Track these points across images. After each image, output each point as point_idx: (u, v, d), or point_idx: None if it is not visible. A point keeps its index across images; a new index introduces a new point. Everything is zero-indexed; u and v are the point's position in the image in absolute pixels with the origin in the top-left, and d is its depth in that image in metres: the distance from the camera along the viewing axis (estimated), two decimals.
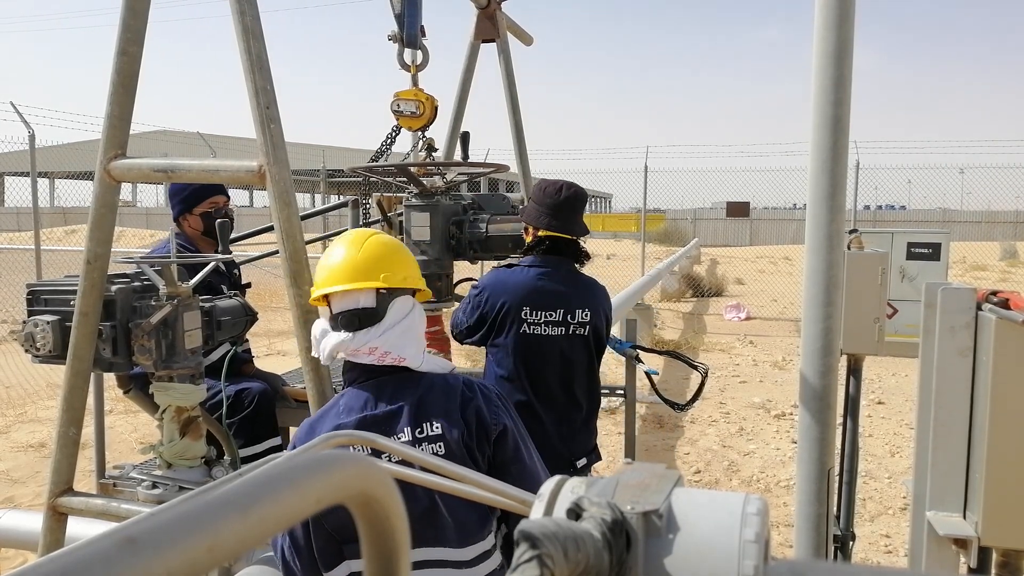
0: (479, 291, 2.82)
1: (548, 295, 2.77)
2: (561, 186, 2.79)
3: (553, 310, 2.77)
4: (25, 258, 11.64)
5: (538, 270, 2.79)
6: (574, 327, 2.80)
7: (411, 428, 1.71)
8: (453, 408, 1.72)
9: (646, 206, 15.36)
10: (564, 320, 2.78)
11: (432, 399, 1.73)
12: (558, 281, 2.80)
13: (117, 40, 2.23)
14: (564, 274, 2.83)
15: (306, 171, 20.91)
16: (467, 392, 1.75)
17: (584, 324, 2.81)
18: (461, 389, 1.76)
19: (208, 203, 3.37)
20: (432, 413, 1.72)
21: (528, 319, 2.75)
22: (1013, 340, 1.66)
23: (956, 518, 1.76)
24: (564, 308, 2.79)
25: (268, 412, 3.16)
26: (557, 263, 2.82)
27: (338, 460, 0.51)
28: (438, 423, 1.71)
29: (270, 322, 9.76)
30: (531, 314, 2.75)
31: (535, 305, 2.76)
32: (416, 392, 1.74)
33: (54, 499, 2.40)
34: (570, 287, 2.83)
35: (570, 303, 2.80)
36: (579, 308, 2.80)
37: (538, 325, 2.76)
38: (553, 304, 2.78)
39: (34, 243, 9.87)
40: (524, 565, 0.54)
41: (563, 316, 2.78)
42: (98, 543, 0.37)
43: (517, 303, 2.75)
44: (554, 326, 2.77)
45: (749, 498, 0.65)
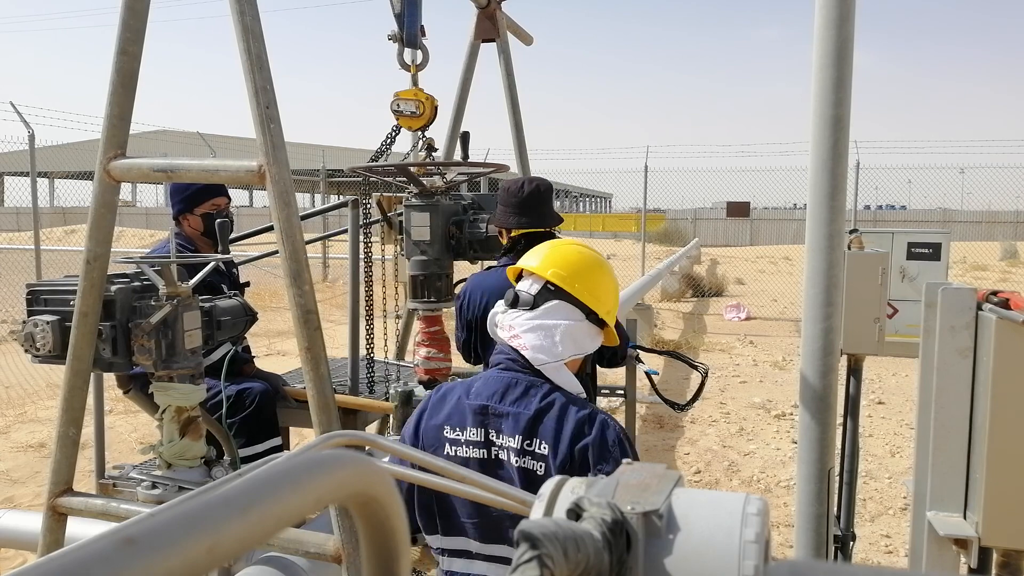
0: (460, 298, 2.86)
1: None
2: (523, 182, 2.82)
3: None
4: (25, 258, 11.64)
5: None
6: None
7: (521, 437, 1.73)
8: (564, 437, 1.70)
9: (646, 206, 15.36)
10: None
11: (550, 418, 1.73)
12: None
13: (117, 40, 2.22)
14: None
15: (306, 171, 20.90)
16: (585, 428, 1.72)
17: None
18: (581, 422, 1.72)
19: (210, 204, 3.37)
20: (544, 433, 1.72)
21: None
22: (1013, 340, 1.66)
23: (956, 518, 1.76)
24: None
25: (269, 412, 3.17)
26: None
27: (338, 460, 0.51)
28: (546, 444, 1.71)
29: (270, 322, 9.76)
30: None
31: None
32: (539, 405, 1.74)
33: (54, 499, 2.40)
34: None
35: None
36: None
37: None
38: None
39: (34, 243, 9.87)
40: (524, 565, 0.54)
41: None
42: (98, 543, 0.37)
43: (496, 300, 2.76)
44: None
45: (749, 498, 0.65)
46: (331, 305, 11.81)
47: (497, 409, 1.75)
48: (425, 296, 3.16)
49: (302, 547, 2.13)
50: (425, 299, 3.17)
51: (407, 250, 3.20)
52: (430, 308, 3.20)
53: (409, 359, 3.85)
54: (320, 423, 2.19)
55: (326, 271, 15.87)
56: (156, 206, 42.12)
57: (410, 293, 3.20)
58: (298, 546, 2.13)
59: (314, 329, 2.15)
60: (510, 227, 2.83)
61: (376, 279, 3.41)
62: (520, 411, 1.73)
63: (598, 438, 1.71)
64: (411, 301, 3.21)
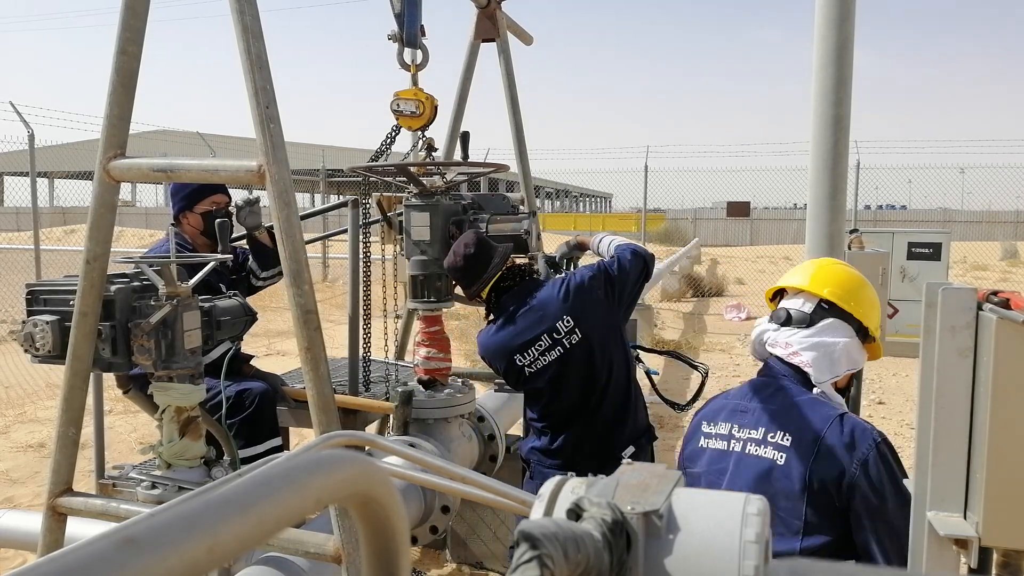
0: (482, 355, 2.98)
1: (526, 331, 2.80)
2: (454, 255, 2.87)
3: (539, 341, 2.78)
4: (24, 258, 11.63)
5: (506, 316, 2.84)
6: (565, 339, 2.78)
7: (764, 430, 1.84)
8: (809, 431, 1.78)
9: (646, 206, 15.36)
10: (554, 341, 2.78)
11: (796, 413, 1.82)
12: (528, 311, 2.82)
13: (117, 40, 2.22)
14: (527, 300, 2.84)
15: (306, 171, 20.90)
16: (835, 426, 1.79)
17: (571, 331, 2.78)
18: (830, 419, 1.80)
19: (209, 201, 3.38)
20: (788, 426, 1.81)
21: (523, 362, 2.81)
22: (1014, 340, 1.66)
23: (957, 518, 1.76)
24: (546, 330, 2.78)
25: (269, 413, 3.16)
26: (517, 297, 2.86)
27: (338, 460, 0.51)
28: (788, 436, 1.80)
29: (270, 322, 9.76)
30: (523, 357, 2.81)
31: (521, 347, 2.80)
32: (787, 401, 1.85)
33: (53, 499, 2.40)
34: (541, 308, 2.81)
35: (547, 323, 2.79)
36: (557, 321, 2.78)
37: (536, 361, 2.80)
38: (535, 335, 2.79)
39: (33, 243, 9.88)
40: (524, 565, 0.53)
41: (550, 338, 2.78)
42: (97, 543, 0.36)
43: (509, 356, 2.82)
44: (550, 351, 2.79)
45: (749, 498, 0.65)
46: (331, 305, 11.80)
47: (745, 406, 1.91)
48: (425, 296, 3.16)
49: (302, 547, 2.13)
50: (425, 299, 3.17)
51: (407, 250, 3.20)
52: (430, 308, 3.20)
53: (409, 359, 3.85)
54: (320, 423, 2.19)
55: (326, 271, 15.87)
56: (156, 206, 42.10)
57: (410, 293, 3.20)
58: (298, 546, 2.13)
59: (314, 329, 2.15)
60: (477, 294, 2.91)
61: (376, 279, 3.40)
62: (766, 406, 1.86)
63: (848, 439, 1.78)
64: (411, 301, 3.21)
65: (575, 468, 2.78)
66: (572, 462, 2.81)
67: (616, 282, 2.87)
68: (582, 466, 2.73)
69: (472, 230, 3.01)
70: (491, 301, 2.90)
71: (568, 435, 2.86)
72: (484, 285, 2.86)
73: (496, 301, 2.89)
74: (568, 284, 2.84)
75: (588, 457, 2.82)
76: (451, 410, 3.20)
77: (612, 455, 2.83)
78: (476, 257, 2.84)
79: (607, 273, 2.86)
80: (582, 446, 2.84)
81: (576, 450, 2.85)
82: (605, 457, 2.81)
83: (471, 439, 3.43)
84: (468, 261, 2.83)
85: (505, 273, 2.88)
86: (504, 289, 2.88)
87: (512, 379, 2.91)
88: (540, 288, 2.88)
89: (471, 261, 2.84)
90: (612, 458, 2.82)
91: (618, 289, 2.87)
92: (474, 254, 2.83)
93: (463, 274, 2.88)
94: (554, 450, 2.87)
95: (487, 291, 2.88)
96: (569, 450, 2.85)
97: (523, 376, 2.83)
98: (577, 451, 2.84)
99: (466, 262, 2.84)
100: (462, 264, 2.85)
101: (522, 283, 2.90)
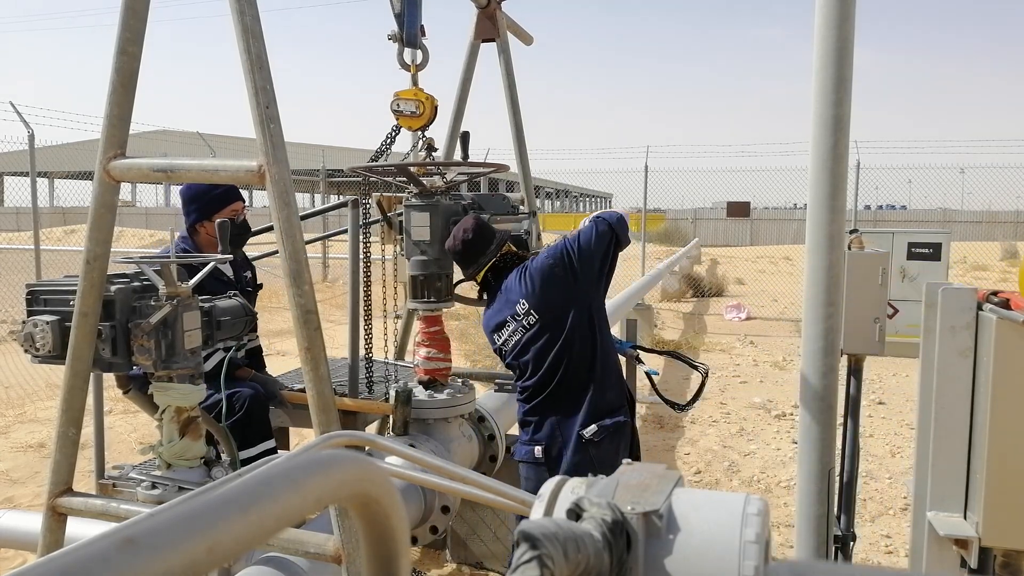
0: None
1: (498, 313, 3.00)
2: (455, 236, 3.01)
3: (507, 323, 2.97)
4: (24, 258, 11.63)
5: (493, 298, 3.05)
6: (523, 319, 2.92)
7: None
8: None
9: (646, 206, 15.35)
10: (517, 323, 2.94)
11: None
12: (500, 295, 3.01)
13: (117, 40, 2.22)
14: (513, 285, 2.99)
15: (306, 171, 20.89)
16: None
17: (528, 312, 2.91)
18: None
19: (229, 210, 3.29)
20: None
21: (498, 341, 3.01)
22: (1014, 340, 1.66)
23: (957, 518, 1.76)
24: (511, 314, 2.95)
25: (260, 416, 3.15)
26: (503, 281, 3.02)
27: (337, 460, 0.51)
28: None
29: (270, 322, 9.76)
30: (498, 336, 3.00)
31: (497, 327, 3.00)
32: None
33: (53, 499, 2.40)
34: (505, 293, 3.00)
35: (511, 306, 2.96)
36: (518, 304, 2.94)
37: (506, 341, 2.97)
38: (503, 318, 2.98)
39: (33, 243, 9.87)
40: (524, 566, 0.53)
41: (514, 320, 2.94)
42: (97, 543, 0.36)
43: (491, 336, 3.05)
44: (515, 333, 2.95)
45: (749, 499, 0.65)
46: (331, 305, 11.81)
47: None
48: (425, 296, 3.16)
49: (302, 547, 2.13)
50: (425, 299, 3.17)
51: (407, 250, 3.20)
52: (430, 308, 3.20)
53: (409, 359, 3.85)
54: (320, 423, 2.18)
55: (326, 271, 15.87)
56: (156, 206, 42.13)
57: (410, 293, 3.20)
58: (298, 546, 2.13)
59: (314, 329, 2.15)
60: (472, 277, 3.08)
61: (376, 279, 3.40)
62: None
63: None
64: (411, 301, 3.21)
65: (542, 443, 2.89)
66: (541, 436, 2.94)
67: (576, 257, 2.90)
68: (547, 442, 2.91)
69: (472, 215, 3.13)
70: (487, 284, 3.07)
71: (538, 409, 2.97)
72: (479, 269, 3.02)
73: (491, 284, 3.05)
74: (527, 268, 2.98)
75: (551, 433, 2.93)
76: (451, 410, 3.20)
77: (574, 432, 2.88)
78: (473, 242, 2.99)
79: (565, 250, 2.92)
80: (545, 422, 2.95)
81: (543, 424, 2.95)
82: (567, 434, 2.89)
83: (471, 439, 3.43)
84: (466, 245, 3.00)
85: (499, 260, 3.02)
86: (499, 272, 3.04)
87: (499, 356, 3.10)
88: (516, 272, 3.03)
89: (468, 245, 3.00)
90: (574, 436, 2.88)
91: (580, 263, 2.90)
92: (471, 239, 2.99)
93: (460, 257, 3.04)
94: (528, 422, 3.00)
95: (482, 275, 3.04)
96: (539, 424, 2.96)
97: (502, 354, 3.03)
98: (543, 426, 2.95)
99: (464, 246, 3.00)
100: (460, 248, 3.01)
101: (511, 265, 3.06)
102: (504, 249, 3.04)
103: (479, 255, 3.00)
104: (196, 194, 3.28)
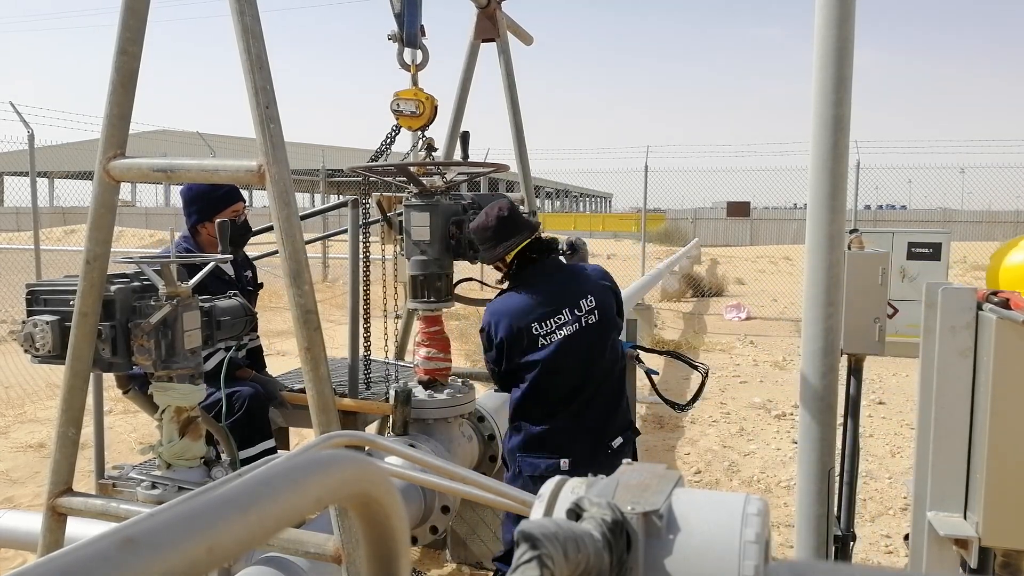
0: (487, 327, 2.87)
1: (548, 302, 2.83)
2: (489, 214, 2.88)
3: (559, 313, 2.82)
4: (24, 258, 11.63)
5: (528, 286, 2.86)
6: (584, 317, 2.85)
7: None
8: None
9: (646, 206, 15.35)
10: (573, 317, 2.83)
11: None
12: (551, 285, 2.86)
13: (117, 39, 2.22)
14: (553, 275, 2.90)
15: (306, 171, 20.89)
16: None
17: (592, 311, 2.86)
18: None
19: (230, 211, 3.29)
20: None
21: (539, 331, 2.80)
22: (1013, 340, 1.66)
23: (957, 518, 1.76)
24: (568, 305, 2.83)
25: (259, 416, 3.15)
26: (540, 270, 2.89)
27: (337, 460, 0.51)
28: None
29: (270, 322, 9.76)
30: (541, 326, 2.80)
31: (541, 317, 2.81)
32: None
33: (53, 499, 2.40)
34: (564, 284, 2.88)
35: (572, 298, 2.85)
36: (582, 298, 2.86)
37: (552, 333, 2.81)
38: (556, 307, 2.82)
39: (33, 243, 9.87)
40: (524, 566, 0.53)
41: (571, 313, 2.83)
42: (97, 543, 0.36)
43: (526, 323, 2.80)
44: (567, 325, 2.82)
45: (749, 499, 0.65)
46: (331, 305, 11.80)
47: None
48: (425, 296, 3.16)
49: (302, 547, 2.13)
50: (425, 299, 3.17)
51: (407, 250, 3.20)
52: (430, 308, 3.20)
53: (409, 359, 3.85)
54: (320, 423, 2.19)
55: (326, 271, 15.87)
56: (156, 206, 42.11)
57: (410, 293, 3.20)
58: (298, 546, 2.13)
59: (314, 329, 2.15)
60: (501, 256, 2.90)
61: (376, 279, 3.40)
62: None
63: None
64: (411, 301, 3.21)
65: (567, 454, 2.77)
66: (569, 448, 2.81)
67: (619, 293, 3.05)
68: (575, 452, 2.79)
69: (507, 198, 3.06)
70: (513, 267, 2.91)
71: (561, 419, 2.84)
72: (512, 248, 2.86)
73: (519, 269, 2.90)
74: (594, 269, 3.01)
75: (579, 443, 2.83)
76: (451, 410, 3.20)
77: (604, 443, 2.87)
78: (510, 219, 2.87)
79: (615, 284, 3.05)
80: (575, 431, 2.84)
81: (575, 434, 2.84)
82: (596, 444, 2.85)
83: (471, 439, 3.44)
84: (501, 221, 2.85)
85: (534, 242, 2.90)
86: (528, 260, 2.90)
87: (516, 349, 2.82)
88: (564, 265, 2.97)
89: (504, 222, 2.85)
90: (603, 446, 2.87)
91: (617, 300, 3.02)
92: (508, 216, 2.86)
93: (493, 232, 2.86)
94: (543, 435, 2.83)
95: (512, 255, 2.88)
96: (571, 433, 2.84)
97: (533, 346, 2.80)
98: (568, 436, 2.83)
99: (499, 222, 2.85)
100: (494, 224, 2.85)
101: (548, 256, 2.95)
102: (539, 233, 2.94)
103: (513, 233, 2.85)
104: (197, 195, 3.28)
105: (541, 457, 2.82)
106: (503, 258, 2.90)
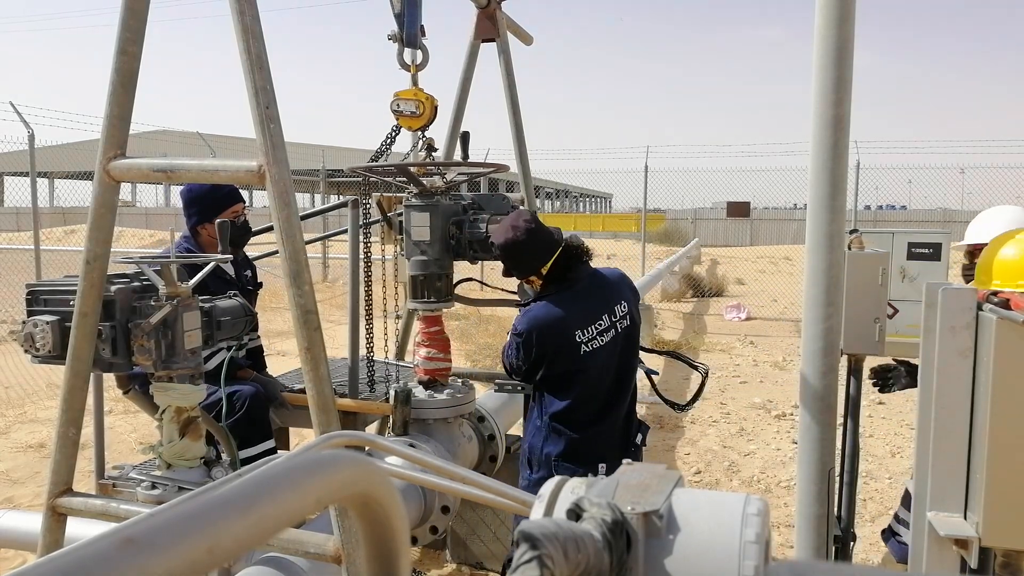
0: (525, 335, 2.78)
1: (590, 309, 2.81)
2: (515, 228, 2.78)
3: (599, 319, 2.81)
4: (25, 258, 11.63)
5: (567, 293, 2.80)
6: (619, 322, 2.87)
7: None
8: None
9: (646, 206, 15.35)
10: (611, 323, 2.84)
11: None
12: (587, 291, 2.84)
13: (117, 40, 2.23)
14: (588, 282, 2.86)
15: (306, 171, 20.89)
16: None
17: (625, 315, 2.90)
18: None
19: (230, 212, 3.30)
20: None
21: (583, 339, 2.77)
22: (1014, 340, 1.66)
23: (957, 519, 1.76)
24: (606, 311, 2.84)
25: (260, 416, 3.15)
26: (576, 279, 2.84)
27: (337, 461, 0.51)
28: None
29: (270, 322, 9.76)
30: (584, 333, 2.77)
31: (583, 324, 2.77)
32: None
33: (53, 499, 2.40)
34: (600, 290, 2.88)
35: (608, 303, 2.87)
36: (616, 304, 2.88)
37: (593, 339, 2.78)
38: (597, 313, 2.81)
39: (34, 243, 9.87)
40: (524, 566, 0.53)
41: (609, 319, 2.84)
42: (97, 544, 0.36)
43: (569, 331, 2.75)
44: (607, 332, 2.82)
45: (749, 499, 0.65)
46: (331, 305, 11.80)
47: None
48: (425, 296, 3.16)
49: (302, 547, 2.13)
50: (425, 299, 3.17)
51: (407, 250, 3.20)
52: (430, 308, 3.20)
53: (409, 359, 3.85)
54: (320, 423, 2.19)
55: (326, 271, 15.87)
56: (156, 206, 42.11)
57: (410, 293, 3.20)
58: (298, 546, 2.13)
59: (314, 329, 2.15)
60: (537, 270, 2.83)
61: (376, 279, 3.40)
62: None
63: None
64: (411, 301, 3.21)
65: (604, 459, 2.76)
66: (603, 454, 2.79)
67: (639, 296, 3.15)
68: (609, 457, 2.79)
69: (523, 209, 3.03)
70: (551, 276, 2.83)
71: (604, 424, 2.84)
72: (549, 258, 2.79)
73: (553, 278, 2.82)
74: (616, 273, 3.03)
75: (615, 447, 2.87)
76: (451, 410, 3.20)
77: (631, 442, 2.96)
78: (540, 231, 2.80)
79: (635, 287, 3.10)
80: (612, 435, 2.88)
81: (606, 440, 2.86)
82: (625, 445, 2.93)
83: (471, 439, 3.43)
84: (531, 235, 2.76)
85: (566, 249, 2.84)
86: (562, 268, 2.83)
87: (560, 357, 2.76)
88: (595, 271, 2.94)
89: (535, 235, 2.77)
90: (630, 444, 2.96)
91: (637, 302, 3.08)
92: (537, 228, 2.79)
93: (529, 247, 2.77)
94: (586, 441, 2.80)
95: (549, 265, 2.80)
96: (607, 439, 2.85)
97: (577, 354, 2.75)
98: (607, 441, 2.86)
99: (530, 236, 2.76)
100: (525, 238, 2.76)
101: (581, 261, 2.89)
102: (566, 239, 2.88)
103: (547, 244, 2.78)
104: (197, 196, 3.28)
105: (579, 465, 2.77)
106: (537, 275, 2.84)
